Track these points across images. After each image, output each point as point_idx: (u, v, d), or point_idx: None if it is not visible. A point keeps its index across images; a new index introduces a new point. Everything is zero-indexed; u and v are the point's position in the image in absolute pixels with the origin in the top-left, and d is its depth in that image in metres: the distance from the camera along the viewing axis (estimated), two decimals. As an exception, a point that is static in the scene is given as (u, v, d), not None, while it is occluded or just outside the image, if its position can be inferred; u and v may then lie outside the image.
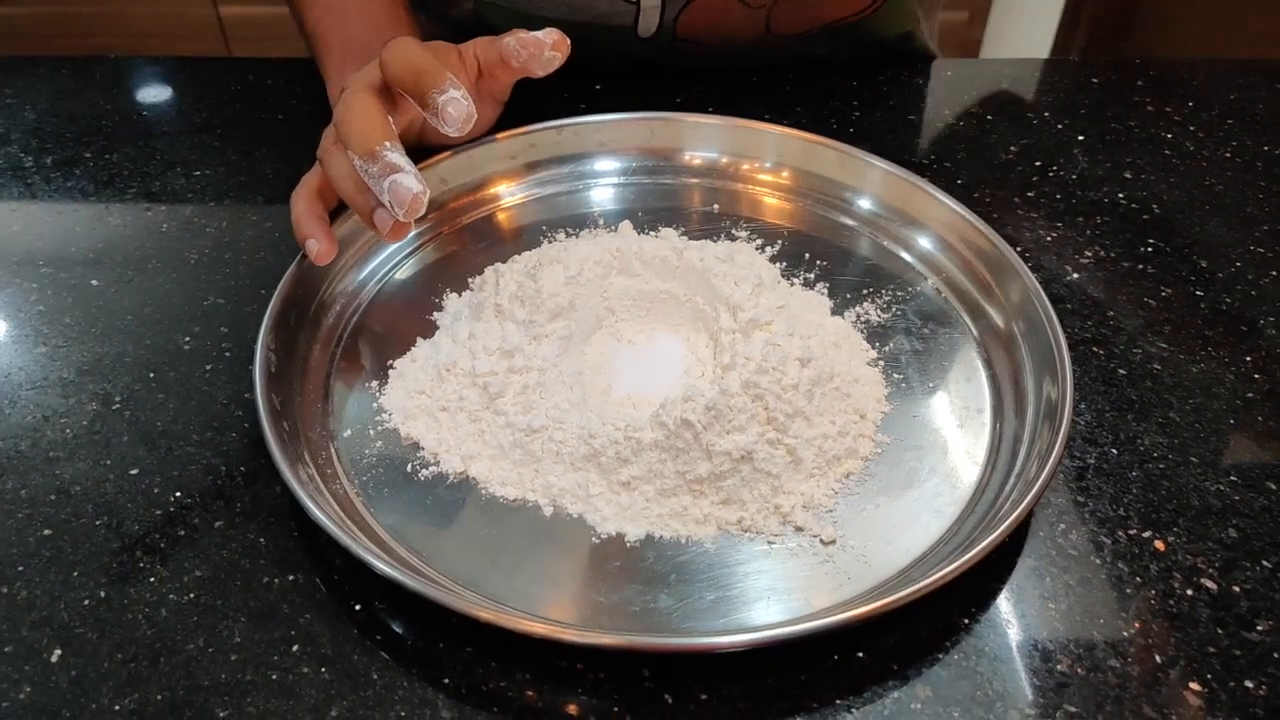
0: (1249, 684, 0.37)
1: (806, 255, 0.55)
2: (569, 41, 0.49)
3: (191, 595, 0.40)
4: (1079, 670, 0.38)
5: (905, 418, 0.47)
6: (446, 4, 0.73)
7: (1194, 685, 0.37)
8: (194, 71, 0.73)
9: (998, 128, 0.68)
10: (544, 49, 0.48)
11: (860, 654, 0.38)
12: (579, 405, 0.45)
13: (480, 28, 0.71)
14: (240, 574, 0.41)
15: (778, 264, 0.54)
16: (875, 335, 0.51)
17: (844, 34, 0.72)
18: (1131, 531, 0.43)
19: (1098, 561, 0.42)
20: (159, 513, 0.43)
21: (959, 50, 1.70)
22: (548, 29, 0.48)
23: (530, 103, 0.62)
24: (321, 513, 0.38)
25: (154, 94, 0.70)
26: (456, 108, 0.45)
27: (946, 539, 0.41)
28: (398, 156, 0.44)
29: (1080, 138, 0.67)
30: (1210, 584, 0.41)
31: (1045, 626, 0.39)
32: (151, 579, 0.40)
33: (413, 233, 0.55)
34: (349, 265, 0.53)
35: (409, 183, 0.44)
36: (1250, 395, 0.49)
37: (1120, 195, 0.62)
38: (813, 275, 0.54)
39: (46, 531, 0.42)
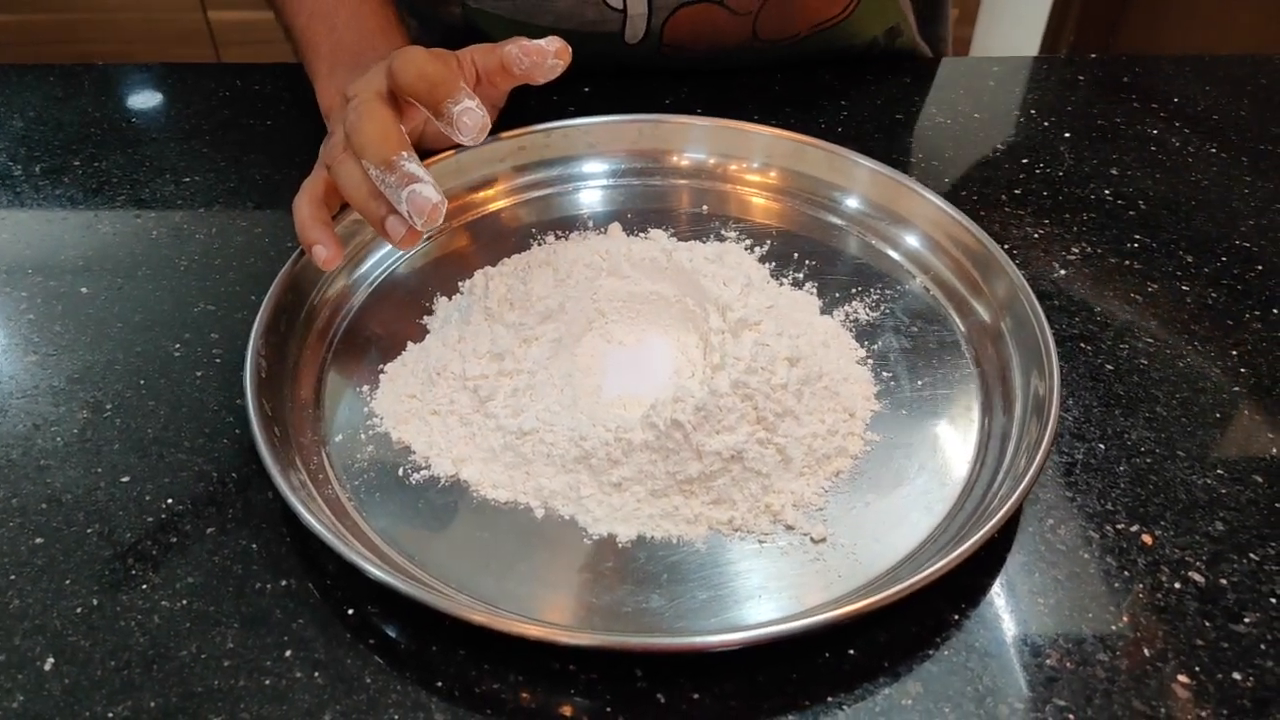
0: (1236, 676, 0.38)
1: (795, 255, 0.56)
2: (570, 49, 0.49)
3: (184, 602, 0.40)
4: (1068, 664, 0.38)
5: (894, 416, 0.47)
6: (436, 7, 0.73)
7: (1182, 678, 0.38)
8: (182, 78, 0.73)
9: (985, 126, 0.68)
10: (546, 57, 0.48)
11: (851, 651, 0.38)
12: (569, 407, 0.45)
13: (470, 32, 0.71)
14: (233, 580, 0.41)
15: (766, 264, 0.55)
16: (864, 334, 0.51)
17: (830, 36, 0.72)
18: (1119, 526, 0.43)
19: (1086, 556, 0.42)
20: (151, 520, 0.43)
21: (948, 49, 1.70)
22: (550, 37, 0.48)
23: (519, 106, 0.62)
24: (313, 518, 0.39)
25: (142, 101, 0.70)
26: (472, 117, 0.45)
27: (936, 536, 0.42)
28: (415, 166, 0.44)
29: (1067, 135, 0.67)
30: (1198, 577, 0.41)
31: (1035, 621, 0.40)
32: (144, 586, 0.40)
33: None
34: (339, 271, 0.53)
35: (428, 193, 0.44)
36: (1236, 389, 0.49)
37: (1107, 191, 0.62)
38: (801, 275, 0.55)
39: (38, 540, 0.42)
